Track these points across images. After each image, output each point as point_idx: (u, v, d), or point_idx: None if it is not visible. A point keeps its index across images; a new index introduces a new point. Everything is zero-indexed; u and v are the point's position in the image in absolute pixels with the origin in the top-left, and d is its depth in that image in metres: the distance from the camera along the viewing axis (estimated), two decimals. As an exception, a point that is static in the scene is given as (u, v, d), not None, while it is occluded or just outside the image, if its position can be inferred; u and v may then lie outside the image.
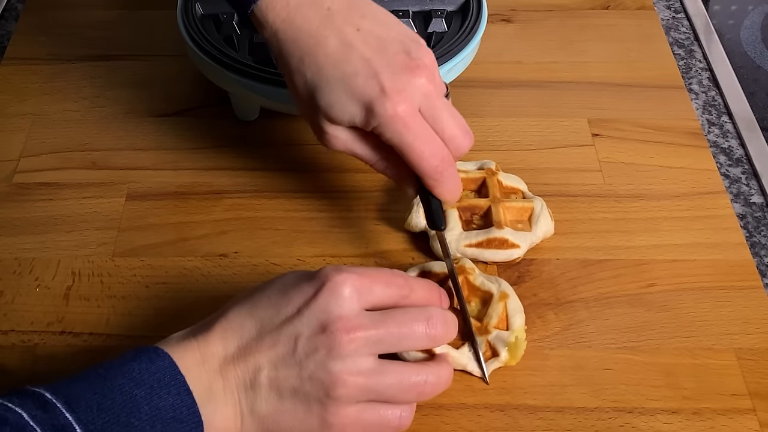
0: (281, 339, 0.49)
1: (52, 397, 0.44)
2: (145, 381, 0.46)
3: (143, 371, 0.46)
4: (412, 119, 0.55)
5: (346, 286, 0.49)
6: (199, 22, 0.74)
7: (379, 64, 0.55)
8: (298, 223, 0.68)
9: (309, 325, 0.48)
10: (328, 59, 0.55)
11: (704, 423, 0.56)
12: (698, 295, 0.63)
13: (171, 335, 0.50)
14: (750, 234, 0.69)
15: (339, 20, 0.56)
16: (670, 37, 0.86)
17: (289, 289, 0.50)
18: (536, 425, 0.56)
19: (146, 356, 0.47)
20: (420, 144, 0.55)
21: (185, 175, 0.71)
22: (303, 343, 0.48)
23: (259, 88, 0.70)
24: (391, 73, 0.55)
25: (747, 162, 0.74)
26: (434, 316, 0.51)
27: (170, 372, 0.47)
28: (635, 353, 0.60)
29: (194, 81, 0.78)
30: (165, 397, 0.46)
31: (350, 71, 0.55)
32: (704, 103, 0.79)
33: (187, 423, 0.46)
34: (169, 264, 0.65)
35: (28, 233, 0.67)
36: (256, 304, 0.50)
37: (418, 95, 0.55)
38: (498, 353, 0.57)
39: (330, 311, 0.49)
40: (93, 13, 0.86)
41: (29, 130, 0.75)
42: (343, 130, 0.57)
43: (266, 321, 0.49)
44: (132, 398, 0.45)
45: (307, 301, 0.49)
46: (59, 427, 0.43)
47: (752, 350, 0.60)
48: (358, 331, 0.48)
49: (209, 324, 0.50)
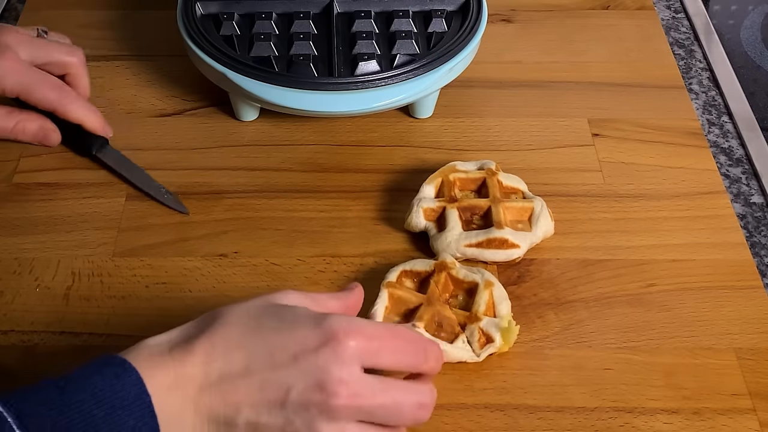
0: (271, 385, 0.45)
1: (3, 409, 0.41)
2: (107, 399, 0.43)
3: (106, 388, 0.43)
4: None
5: (351, 349, 0.46)
6: (199, 22, 0.74)
7: None
8: (298, 223, 0.68)
9: (304, 380, 0.45)
10: None
11: (704, 423, 0.56)
12: (698, 295, 0.63)
13: (146, 340, 0.47)
14: (750, 234, 0.69)
15: None
16: (670, 37, 0.86)
17: (289, 330, 0.47)
18: (536, 425, 0.56)
19: (111, 370, 0.44)
20: None
21: (185, 175, 0.71)
22: (294, 397, 0.45)
23: (259, 88, 0.70)
24: None
25: (747, 162, 0.74)
26: (429, 403, 0.49)
27: (135, 391, 0.43)
28: (635, 353, 0.60)
29: (194, 81, 0.78)
30: (126, 419, 0.43)
31: None
32: (704, 103, 0.79)
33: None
34: (169, 264, 0.65)
35: (28, 233, 0.67)
36: (248, 335, 0.47)
37: None
38: (492, 339, 0.58)
39: (330, 372, 0.45)
40: (93, 13, 0.86)
41: (29, 130, 0.75)
42: None
43: (257, 359, 0.46)
44: (90, 418, 0.42)
45: (307, 353, 0.46)
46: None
47: (752, 350, 0.60)
48: (355, 400, 0.46)
49: (190, 341, 0.46)
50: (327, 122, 0.75)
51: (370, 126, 0.75)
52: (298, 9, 0.76)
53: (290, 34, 0.74)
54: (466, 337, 0.58)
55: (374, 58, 0.72)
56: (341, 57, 0.73)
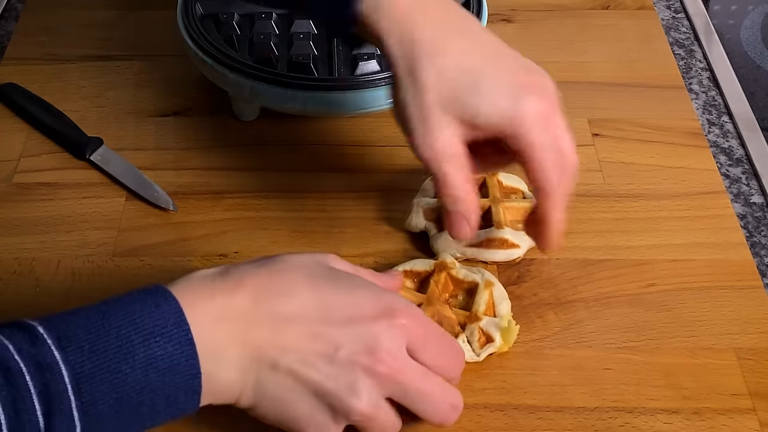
0: (322, 338, 0.47)
1: (44, 331, 0.42)
2: (145, 326, 0.43)
3: (145, 316, 0.44)
4: (553, 119, 0.54)
5: (405, 328, 0.48)
6: (199, 22, 0.74)
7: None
8: (298, 223, 0.68)
9: (355, 342, 0.47)
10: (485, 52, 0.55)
11: (704, 423, 0.56)
12: (698, 295, 0.63)
13: (194, 272, 0.47)
14: (750, 234, 0.69)
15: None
16: (670, 37, 0.86)
17: (347, 293, 0.48)
18: (536, 425, 0.56)
19: (152, 299, 0.44)
20: (549, 155, 0.54)
21: (185, 175, 0.71)
22: (343, 355, 0.47)
23: (259, 88, 0.70)
24: (527, 74, 0.55)
25: (747, 162, 0.74)
26: (459, 408, 0.51)
27: (174, 319, 0.44)
28: (635, 353, 0.60)
29: (194, 81, 0.78)
30: (164, 345, 0.43)
31: (504, 68, 0.54)
32: (704, 103, 0.79)
33: (183, 374, 0.44)
34: (169, 264, 0.65)
35: (28, 233, 0.67)
36: (304, 285, 0.48)
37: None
38: (492, 338, 0.58)
39: (381, 341, 0.47)
40: (93, 13, 0.86)
41: (29, 130, 0.75)
42: (458, 129, 0.54)
43: (311, 310, 0.47)
44: (128, 343, 0.43)
45: (363, 319, 0.48)
46: (45, 366, 0.41)
47: (752, 350, 0.60)
48: (398, 374, 0.48)
49: (242, 275, 0.47)
50: (327, 122, 0.75)
51: (370, 126, 0.75)
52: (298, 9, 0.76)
53: (290, 34, 0.74)
54: (466, 336, 0.58)
55: (374, 58, 0.72)
56: (341, 57, 0.73)
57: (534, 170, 0.54)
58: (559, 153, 0.54)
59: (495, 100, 0.53)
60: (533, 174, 0.55)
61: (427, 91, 0.53)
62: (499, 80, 0.54)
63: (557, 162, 0.54)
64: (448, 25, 0.55)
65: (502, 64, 0.55)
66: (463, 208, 0.55)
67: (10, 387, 0.40)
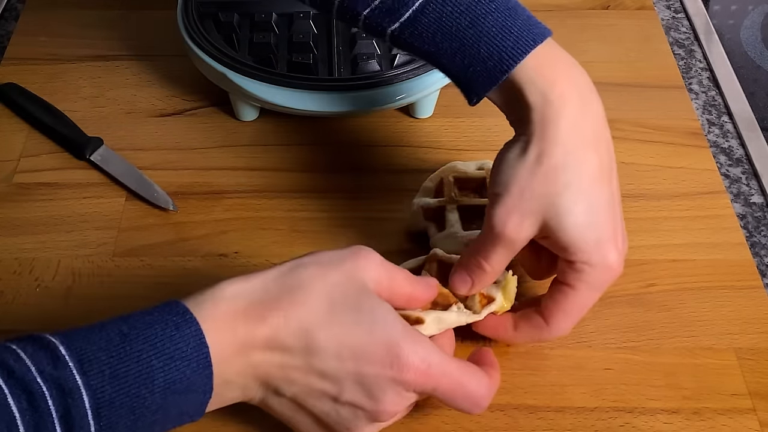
0: (329, 379, 0.48)
1: (66, 352, 0.42)
2: (166, 350, 0.44)
3: (165, 339, 0.44)
4: (605, 287, 0.54)
5: (413, 385, 0.49)
6: (199, 22, 0.74)
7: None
8: (298, 223, 0.68)
9: (360, 389, 0.48)
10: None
11: (704, 423, 0.56)
12: (698, 295, 0.63)
13: (223, 288, 0.47)
14: (750, 234, 0.69)
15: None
16: (670, 37, 0.86)
17: (363, 333, 0.48)
18: (536, 425, 0.56)
19: (172, 320, 0.45)
20: (579, 307, 0.54)
21: (185, 175, 0.71)
22: (347, 398, 0.48)
23: (259, 88, 0.70)
24: (616, 227, 0.53)
25: (747, 162, 0.74)
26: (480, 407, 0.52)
27: (194, 342, 0.44)
28: (635, 353, 0.60)
29: (194, 81, 0.78)
30: (183, 369, 0.44)
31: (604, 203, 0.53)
32: (704, 103, 0.79)
33: (197, 393, 0.45)
34: (169, 264, 0.65)
35: (28, 233, 0.67)
36: (323, 322, 0.47)
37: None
38: (493, 298, 0.56)
39: (386, 394, 0.48)
40: (93, 13, 0.86)
41: (29, 130, 0.75)
42: (535, 227, 0.53)
43: (324, 350, 0.47)
44: (148, 368, 0.43)
45: (373, 367, 0.48)
46: (66, 390, 0.41)
47: (752, 350, 0.60)
48: (394, 417, 0.51)
49: (267, 307, 0.47)
50: (327, 122, 0.75)
51: (370, 126, 0.75)
52: (298, 9, 0.76)
53: (290, 34, 0.74)
54: (464, 304, 0.57)
55: (374, 58, 0.72)
56: (341, 57, 0.73)
57: (556, 304, 0.54)
58: (580, 314, 0.55)
59: (584, 232, 0.52)
60: (552, 306, 0.54)
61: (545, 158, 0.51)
62: (594, 212, 0.52)
63: (575, 318, 0.55)
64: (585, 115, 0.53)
65: (604, 197, 0.53)
66: (478, 280, 0.55)
67: (33, 412, 0.41)
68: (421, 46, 0.54)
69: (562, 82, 0.52)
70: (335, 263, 0.49)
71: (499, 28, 0.52)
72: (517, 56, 0.52)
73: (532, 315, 0.56)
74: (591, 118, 0.53)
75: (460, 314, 0.56)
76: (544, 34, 0.53)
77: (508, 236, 0.52)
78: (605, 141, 0.53)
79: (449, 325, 0.55)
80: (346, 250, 0.51)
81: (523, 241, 0.53)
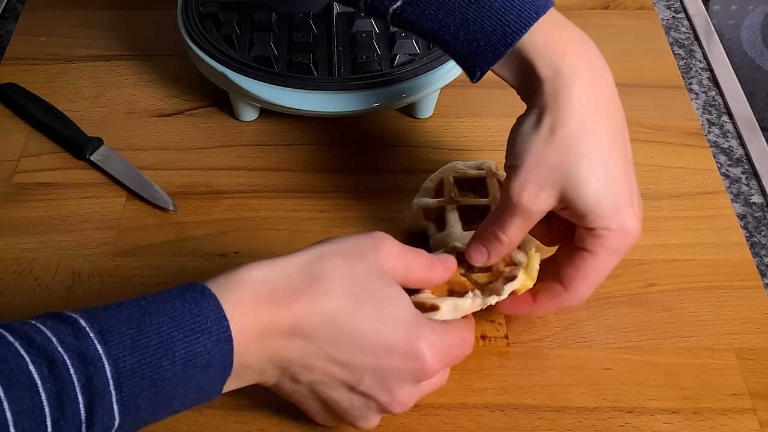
0: (348, 369, 0.48)
1: (86, 324, 0.42)
2: (186, 323, 0.44)
3: (185, 311, 0.44)
4: (630, 243, 0.54)
5: (427, 375, 0.50)
6: (199, 22, 0.74)
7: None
8: (298, 223, 0.68)
9: (378, 380, 0.49)
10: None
11: (704, 423, 0.56)
12: (698, 295, 0.63)
13: (248, 272, 0.47)
14: (750, 234, 0.69)
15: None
16: (670, 37, 0.86)
17: (383, 330, 0.48)
18: (536, 425, 0.56)
19: (191, 296, 0.45)
20: (599, 272, 0.55)
21: (185, 175, 0.71)
22: (364, 389, 0.49)
23: (259, 88, 0.70)
24: (631, 192, 0.54)
25: (747, 162, 0.74)
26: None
27: (214, 316, 0.45)
28: (635, 353, 0.60)
29: (194, 81, 0.78)
30: (204, 342, 0.44)
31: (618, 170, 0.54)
32: (704, 103, 0.79)
33: (218, 368, 0.45)
34: (169, 264, 0.65)
35: (28, 233, 0.67)
36: (344, 314, 0.48)
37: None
38: (514, 276, 0.56)
39: (402, 386, 0.50)
40: (93, 13, 0.86)
41: (29, 130, 0.75)
42: (552, 204, 0.53)
43: (344, 341, 0.48)
44: (168, 339, 0.43)
45: (392, 359, 0.49)
46: (88, 359, 0.41)
47: (752, 350, 0.60)
48: (406, 408, 0.51)
49: (293, 296, 0.47)
50: (327, 122, 0.75)
51: (370, 126, 0.75)
52: (298, 9, 0.76)
53: (290, 34, 0.74)
54: (482, 289, 0.56)
55: (374, 58, 0.72)
56: (341, 57, 0.73)
57: (576, 270, 0.54)
58: (599, 280, 0.55)
59: (602, 199, 0.52)
60: (572, 272, 0.54)
61: (559, 127, 0.52)
62: (611, 179, 0.53)
63: (595, 283, 0.55)
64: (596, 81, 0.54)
65: (619, 164, 0.53)
66: (494, 251, 0.56)
67: (55, 380, 0.40)
68: (423, 24, 0.55)
69: (572, 53, 0.53)
70: (358, 255, 0.50)
71: (502, 1, 0.52)
72: (521, 29, 0.52)
73: (550, 284, 0.56)
74: (602, 88, 0.54)
75: (476, 299, 0.55)
76: (546, 5, 0.53)
77: (525, 207, 0.53)
78: (617, 109, 0.54)
79: (465, 311, 0.55)
80: (366, 238, 0.51)
81: (540, 212, 0.53)
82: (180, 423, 0.56)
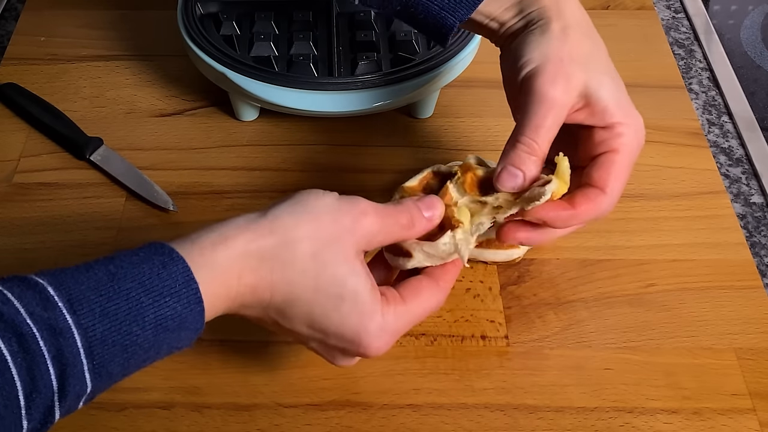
0: (298, 337, 0.51)
1: (55, 293, 0.42)
2: (155, 288, 0.44)
3: (154, 276, 0.44)
4: (641, 143, 0.57)
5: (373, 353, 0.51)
6: (199, 22, 0.74)
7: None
8: (298, 223, 0.68)
9: (321, 351, 0.52)
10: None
11: (704, 423, 0.56)
12: (698, 295, 0.63)
13: (224, 233, 0.49)
14: (750, 234, 0.69)
15: None
16: (670, 37, 0.86)
17: (341, 317, 0.49)
18: (536, 425, 0.56)
19: (159, 259, 0.45)
20: (627, 170, 0.56)
21: (185, 175, 0.71)
22: (332, 343, 0.50)
23: (259, 88, 0.70)
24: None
25: (747, 162, 0.74)
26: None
27: (182, 279, 0.45)
28: (635, 353, 0.60)
29: (194, 81, 0.78)
30: (173, 305, 0.44)
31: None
32: (704, 103, 0.79)
33: (189, 330, 0.45)
34: (169, 264, 0.65)
35: (28, 233, 0.67)
36: (307, 289, 0.49)
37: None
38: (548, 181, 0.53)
39: (342, 363, 0.53)
40: (93, 13, 0.86)
41: (29, 130, 0.75)
42: (575, 97, 0.55)
43: (298, 321, 0.49)
44: (138, 305, 0.43)
45: (336, 347, 0.50)
46: (57, 330, 0.41)
47: (752, 350, 0.60)
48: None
49: (263, 257, 0.48)
50: (327, 122, 0.75)
51: (370, 126, 0.75)
52: (298, 9, 0.76)
53: (290, 34, 0.74)
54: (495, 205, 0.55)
55: (374, 58, 0.72)
56: (341, 57, 0.73)
57: (608, 172, 0.55)
58: (626, 179, 0.56)
59: (618, 94, 0.55)
60: (604, 175, 0.55)
61: (569, 32, 0.55)
62: (618, 79, 0.56)
63: (624, 182, 0.56)
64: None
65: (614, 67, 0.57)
66: (527, 167, 0.54)
67: (25, 354, 0.40)
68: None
69: None
70: (333, 241, 0.49)
71: None
72: None
73: (586, 189, 0.55)
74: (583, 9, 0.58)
75: (452, 240, 0.53)
76: None
77: (559, 100, 0.54)
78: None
79: (442, 254, 0.53)
80: (346, 215, 0.50)
81: (569, 105, 0.54)
82: (180, 423, 0.56)
